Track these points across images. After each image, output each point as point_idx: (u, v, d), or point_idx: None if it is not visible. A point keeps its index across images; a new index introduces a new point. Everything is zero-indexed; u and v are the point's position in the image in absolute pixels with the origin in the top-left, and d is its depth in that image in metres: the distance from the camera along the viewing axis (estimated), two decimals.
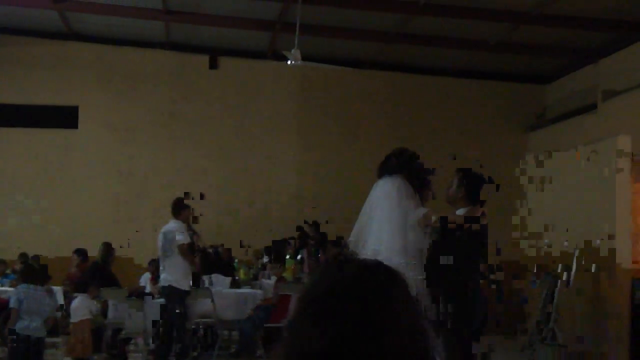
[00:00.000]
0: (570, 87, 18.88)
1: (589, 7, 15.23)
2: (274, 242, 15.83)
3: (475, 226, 7.41)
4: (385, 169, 7.49)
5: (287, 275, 13.99)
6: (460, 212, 7.50)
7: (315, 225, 18.38)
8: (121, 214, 18.29)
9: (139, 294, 13.66)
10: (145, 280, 15.02)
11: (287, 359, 1.68)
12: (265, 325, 12.72)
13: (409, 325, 1.67)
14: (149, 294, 13.51)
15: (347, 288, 1.68)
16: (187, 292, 12.17)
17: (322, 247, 17.40)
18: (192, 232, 14.92)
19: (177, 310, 11.94)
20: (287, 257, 15.10)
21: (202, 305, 12.88)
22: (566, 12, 15.51)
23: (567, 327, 13.64)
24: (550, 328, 13.15)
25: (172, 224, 12.45)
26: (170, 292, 12.10)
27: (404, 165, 7.44)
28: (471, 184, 7.62)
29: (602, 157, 13.33)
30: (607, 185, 13.13)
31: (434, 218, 7.25)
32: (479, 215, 7.44)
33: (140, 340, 13.47)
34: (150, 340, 12.88)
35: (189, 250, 12.35)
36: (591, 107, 17.32)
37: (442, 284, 7.22)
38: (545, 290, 13.91)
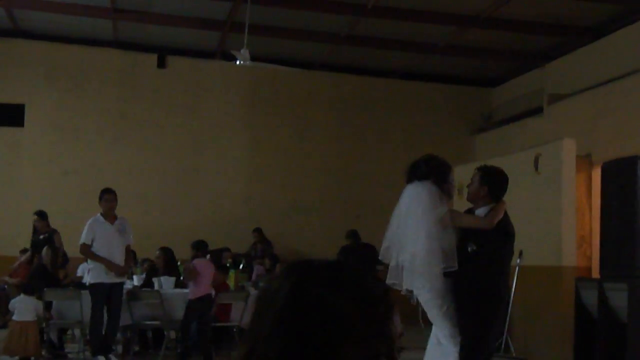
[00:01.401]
0: (517, 90, 19.09)
1: (535, 12, 15.42)
2: (211, 251, 15.75)
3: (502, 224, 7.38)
4: (415, 175, 7.46)
5: (230, 283, 13.86)
6: (482, 211, 7.44)
7: (259, 232, 18.34)
8: (67, 213, 18.09)
9: (76, 284, 13.61)
10: (83, 270, 14.84)
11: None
12: (214, 324, 12.68)
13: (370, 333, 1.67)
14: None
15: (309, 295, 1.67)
16: (95, 285, 12.21)
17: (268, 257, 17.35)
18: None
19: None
20: (227, 265, 14.94)
21: (151, 307, 12.82)
22: (513, 17, 15.69)
23: (517, 334, 13.79)
24: (505, 339, 13.26)
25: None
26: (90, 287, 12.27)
27: (433, 171, 7.43)
28: (493, 182, 7.53)
29: (548, 159, 13.48)
30: (552, 187, 13.29)
31: (470, 249, 7.27)
32: (503, 212, 7.38)
33: (77, 331, 13.49)
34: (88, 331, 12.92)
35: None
36: (537, 110, 17.53)
37: (471, 292, 7.21)
38: None
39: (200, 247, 13.20)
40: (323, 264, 1.73)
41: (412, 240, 7.24)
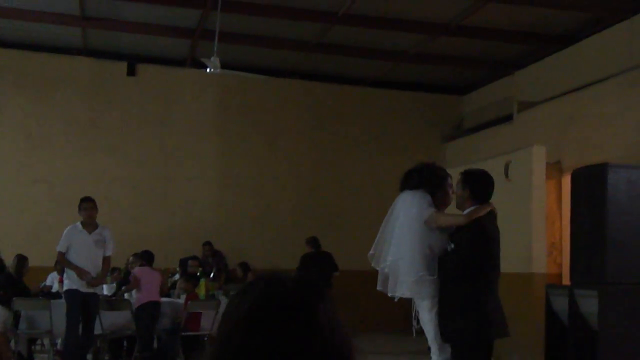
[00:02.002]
0: (487, 98, 19.17)
1: (505, 19, 15.48)
2: (180, 260, 15.73)
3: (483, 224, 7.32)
4: (407, 185, 7.43)
5: (199, 292, 13.81)
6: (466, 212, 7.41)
7: (209, 245, 18.11)
8: (36, 222, 17.97)
9: (45, 294, 13.53)
10: (52, 279, 14.76)
11: None
12: (183, 333, 12.65)
13: (338, 338, 1.69)
14: (57, 293, 13.36)
15: (282, 304, 1.68)
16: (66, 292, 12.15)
17: (219, 269, 17.21)
18: None
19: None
20: (197, 274, 14.91)
21: (121, 316, 12.79)
22: (483, 24, 15.75)
23: None
24: None
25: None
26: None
27: (425, 181, 7.39)
28: (475, 183, 7.46)
29: (518, 166, 13.53)
30: (522, 194, 13.33)
31: (449, 247, 7.23)
32: (483, 212, 7.30)
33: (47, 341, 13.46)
34: (58, 341, 12.87)
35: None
36: (507, 118, 17.61)
37: (453, 298, 7.18)
38: None
39: (144, 257, 13.35)
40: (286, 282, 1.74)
41: (394, 247, 7.24)
